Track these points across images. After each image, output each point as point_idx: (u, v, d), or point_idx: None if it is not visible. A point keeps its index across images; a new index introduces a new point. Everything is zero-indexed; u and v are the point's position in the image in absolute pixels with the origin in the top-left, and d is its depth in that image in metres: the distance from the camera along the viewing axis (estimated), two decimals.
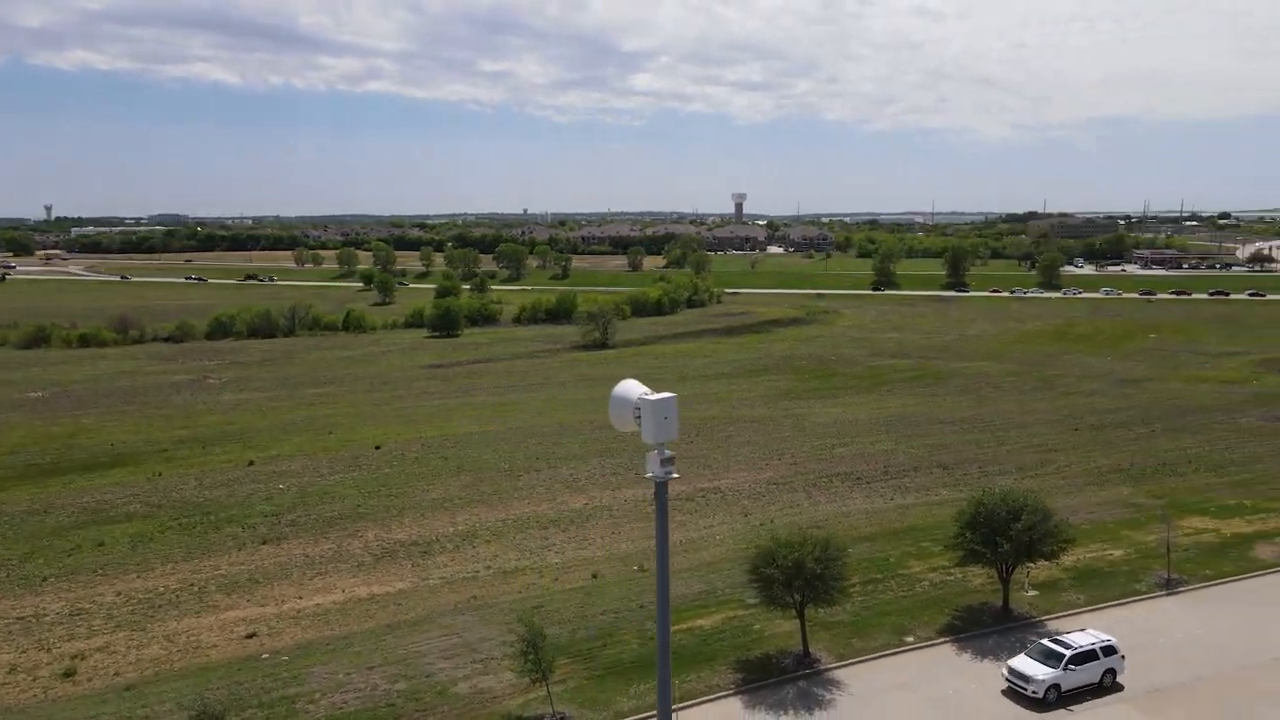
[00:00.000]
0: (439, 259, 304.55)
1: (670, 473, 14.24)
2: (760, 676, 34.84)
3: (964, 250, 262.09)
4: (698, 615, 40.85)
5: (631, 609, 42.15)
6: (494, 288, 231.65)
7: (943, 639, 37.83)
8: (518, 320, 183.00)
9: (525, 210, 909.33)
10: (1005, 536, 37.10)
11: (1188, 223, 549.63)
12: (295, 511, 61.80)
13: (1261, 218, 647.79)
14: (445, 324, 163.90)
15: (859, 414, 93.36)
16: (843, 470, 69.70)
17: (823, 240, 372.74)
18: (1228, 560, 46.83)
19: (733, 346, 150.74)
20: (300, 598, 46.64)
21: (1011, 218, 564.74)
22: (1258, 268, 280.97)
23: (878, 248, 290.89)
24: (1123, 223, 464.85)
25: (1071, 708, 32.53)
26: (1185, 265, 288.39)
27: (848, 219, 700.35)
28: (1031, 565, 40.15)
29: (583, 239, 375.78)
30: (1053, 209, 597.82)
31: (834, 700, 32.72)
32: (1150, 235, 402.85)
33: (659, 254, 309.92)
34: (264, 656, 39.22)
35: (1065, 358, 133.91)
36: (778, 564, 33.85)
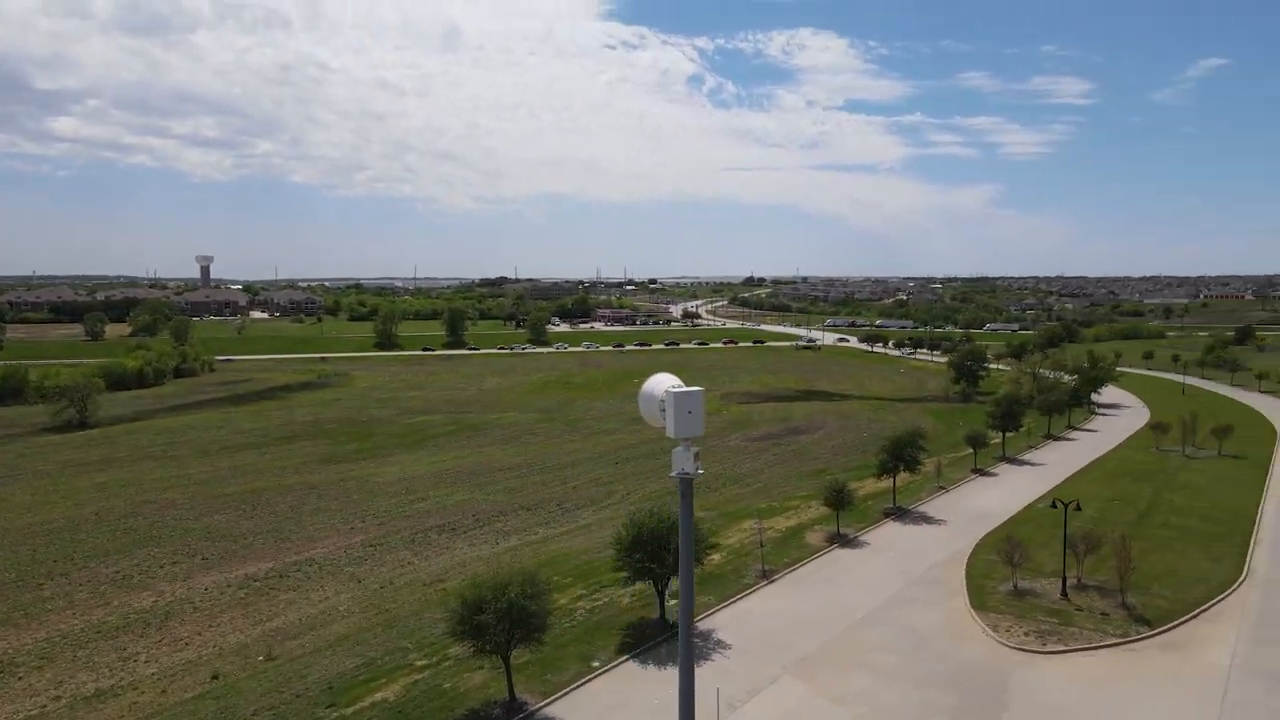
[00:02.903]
0: None
1: (698, 469, 13.73)
2: None
3: (460, 312, 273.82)
4: (373, 690, 36.93)
5: (287, 700, 36.55)
6: None
7: (623, 657, 39.56)
8: None
9: None
10: (666, 550, 40.33)
11: (628, 287, 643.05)
12: None
13: (678, 283, 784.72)
14: None
15: (419, 469, 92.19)
16: (434, 524, 68.37)
17: (312, 304, 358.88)
18: (793, 549, 56.44)
19: (247, 415, 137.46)
20: None
21: (486, 282, 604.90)
22: (690, 323, 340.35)
23: (375, 310, 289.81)
24: (581, 286, 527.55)
25: None
26: (638, 321, 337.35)
27: (329, 284, 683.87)
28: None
29: (10, 304, 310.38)
30: (522, 274, 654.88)
31: None
32: (605, 297, 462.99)
33: (122, 321, 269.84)
34: None
35: (577, 403, 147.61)
36: (492, 609, 32.46)
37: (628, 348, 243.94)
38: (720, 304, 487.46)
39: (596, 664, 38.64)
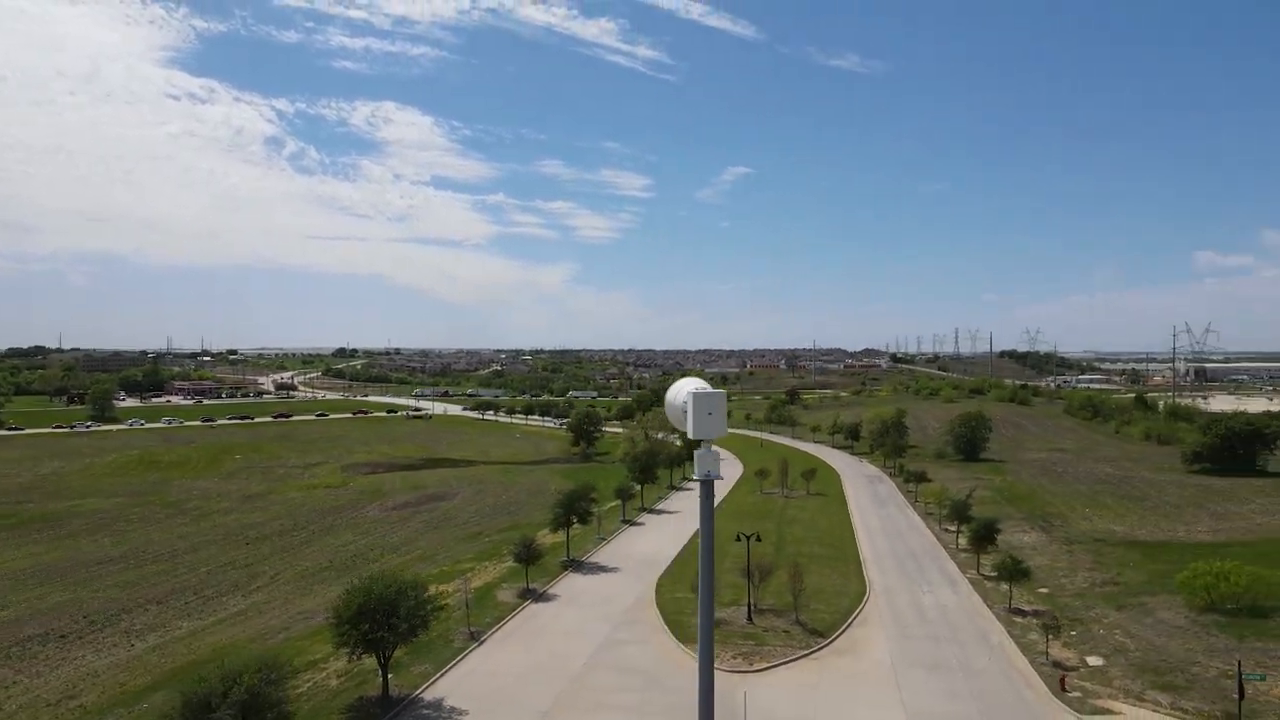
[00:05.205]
0: None
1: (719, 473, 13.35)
2: None
3: None
4: None
5: None
6: None
7: None
8: None
9: None
10: (397, 615, 37.04)
11: (204, 358, 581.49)
12: None
13: (261, 353, 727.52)
14: None
15: None
16: (33, 632, 55.36)
17: None
18: (490, 608, 54.76)
19: None
20: None
21: (17, 352, 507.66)
22: (286, 394, 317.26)
23: None
24: (149, 357, 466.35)
25: None
26: (224, 395, 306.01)
27: None
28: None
29: None
30: (69, 344, 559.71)
31: None
32: (179, 369, 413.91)
33: None
34: None
35: (174, 484, 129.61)
36: (224, 704, 27.16)
37: (220, 421, 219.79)
38: (314, 375, 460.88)
39: None
